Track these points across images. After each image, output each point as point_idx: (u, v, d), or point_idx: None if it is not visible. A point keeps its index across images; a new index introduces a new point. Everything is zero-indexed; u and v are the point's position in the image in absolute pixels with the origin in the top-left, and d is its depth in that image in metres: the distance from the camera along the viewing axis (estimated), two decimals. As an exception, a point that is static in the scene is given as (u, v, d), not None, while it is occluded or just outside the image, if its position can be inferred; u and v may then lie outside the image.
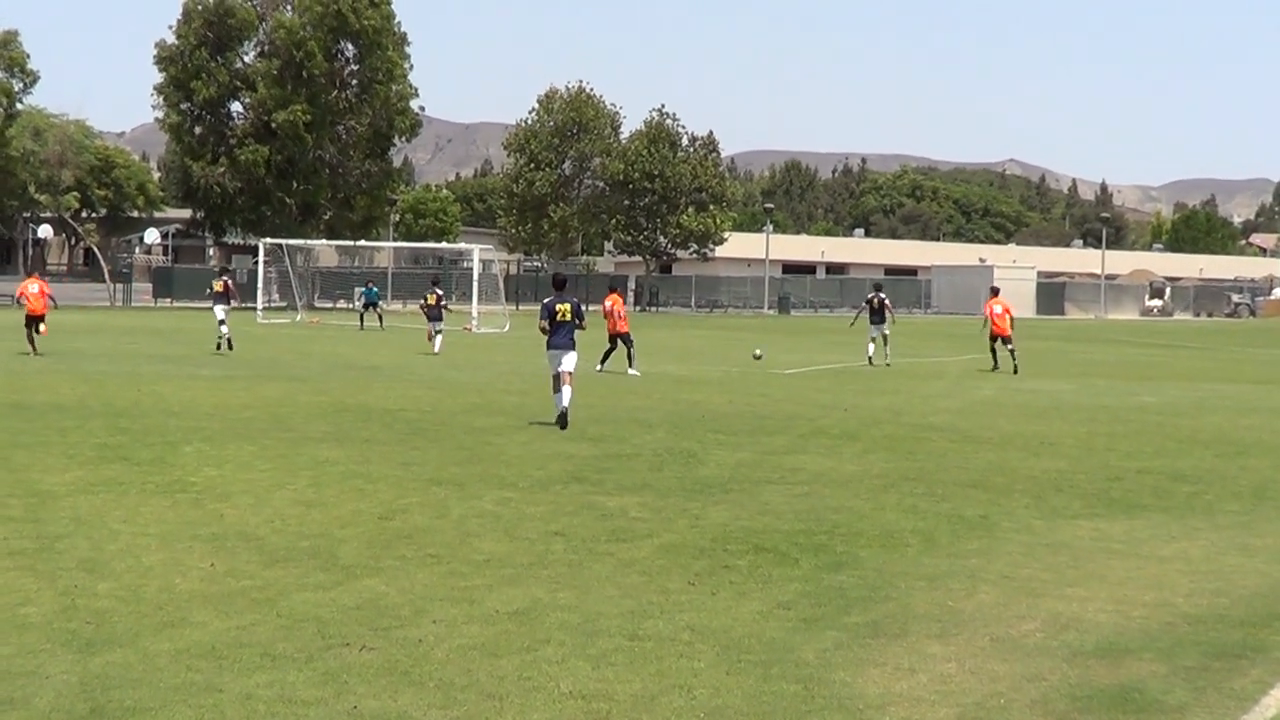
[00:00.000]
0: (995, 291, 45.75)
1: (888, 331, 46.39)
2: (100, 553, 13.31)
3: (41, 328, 42.62)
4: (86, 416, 24.65)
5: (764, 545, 14.30)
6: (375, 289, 72.74)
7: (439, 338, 48.36)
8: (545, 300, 26.58)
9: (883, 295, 47.32)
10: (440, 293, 52.00)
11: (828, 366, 45.07)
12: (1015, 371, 42.21)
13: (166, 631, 10.57)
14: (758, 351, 45.55)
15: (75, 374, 34.16)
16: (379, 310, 69.25)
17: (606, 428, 24.85)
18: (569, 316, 25.96)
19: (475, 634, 10.67)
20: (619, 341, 40.59)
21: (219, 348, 46.39)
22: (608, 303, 41.51)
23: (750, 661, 10.11)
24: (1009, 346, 43.62)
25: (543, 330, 25.95)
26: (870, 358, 45.72)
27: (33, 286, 44.25)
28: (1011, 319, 44.48)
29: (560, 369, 25.47)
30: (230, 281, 52.24)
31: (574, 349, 25.97)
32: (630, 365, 39.57)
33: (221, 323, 47.99)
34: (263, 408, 26.98)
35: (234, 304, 52.87)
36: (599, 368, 39.15)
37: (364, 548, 13.80)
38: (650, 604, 11.76)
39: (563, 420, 24.75)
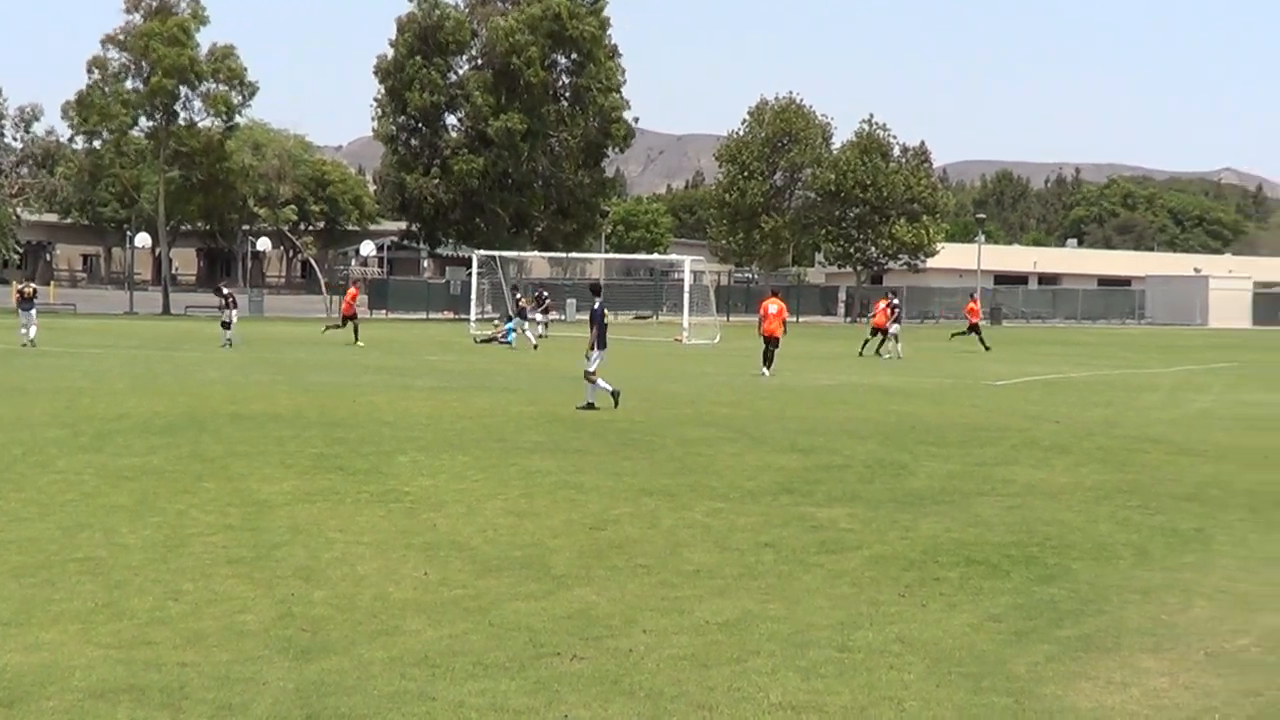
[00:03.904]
0: (774, 292, 48.31)
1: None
2: (316, 561, 13.54)
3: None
4: (303, 427, 25.06)
5: (975, 557, 14.21)
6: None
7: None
8: (597, 307, 30.05)
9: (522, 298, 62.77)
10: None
11: (1040, 378, 44.58)
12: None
13: (381, 639, 10.74)
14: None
15: (293, 384, 34.75)
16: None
17: (817, 439, 24.80)
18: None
19: (685, 644, 10.72)
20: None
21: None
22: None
23: (961, 674, 10.06)
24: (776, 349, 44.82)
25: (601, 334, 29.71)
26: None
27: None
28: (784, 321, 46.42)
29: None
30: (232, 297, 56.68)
31: None
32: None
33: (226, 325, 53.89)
34: (475, 418, 27.25)
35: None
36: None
37: (575, 558, 13.90)
38: (860, 615, 11.74)
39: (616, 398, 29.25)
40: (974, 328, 64.12)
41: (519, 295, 67.66)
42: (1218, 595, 12.76)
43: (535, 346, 59.03)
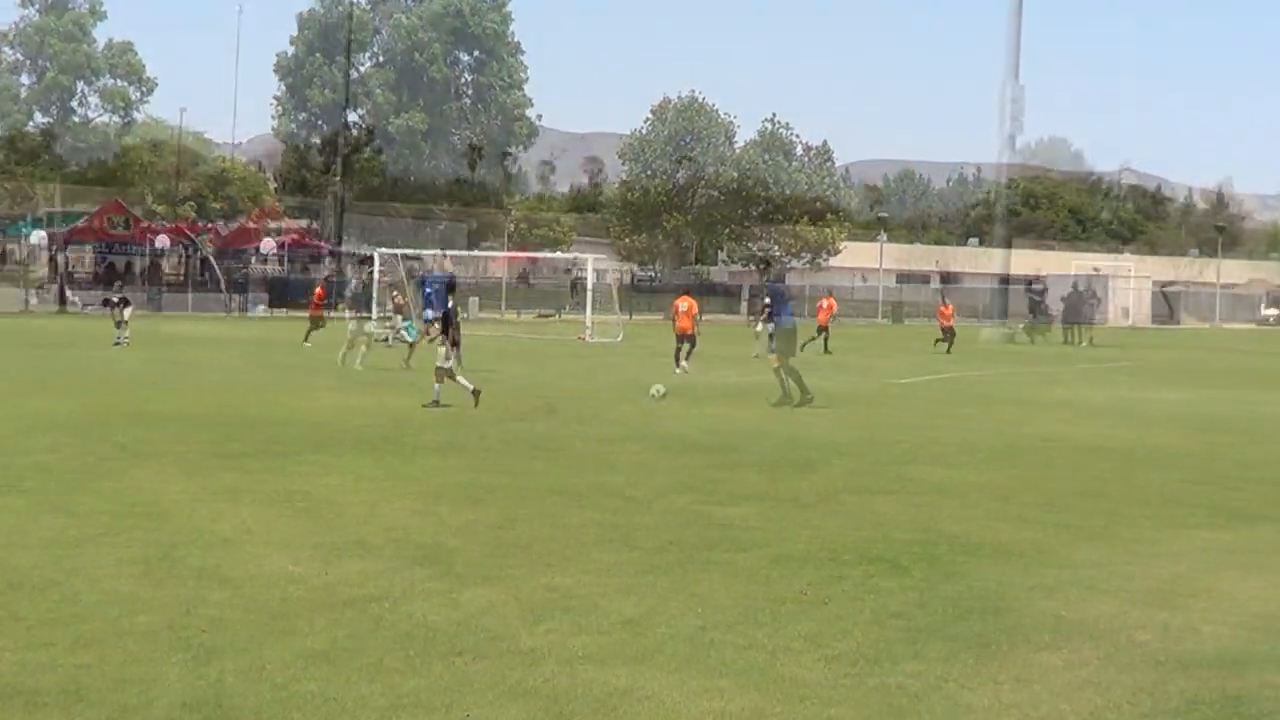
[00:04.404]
0: (686, 291, 50.31)
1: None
2: (215, 561, 13.39)
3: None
4: (203, 426, 24.77)
5: (877, 555, 14.23)
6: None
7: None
8: (450, 306, 30.86)
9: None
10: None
11: (942, 376, 44.82)
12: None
13: (280, 640, 10.63)
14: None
15: (192, 383, 34.45)
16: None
17: (720, 438, 24.82)
18: None
19: (588, 644, 10.67)
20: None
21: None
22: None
23: (861, 672, 10.06)
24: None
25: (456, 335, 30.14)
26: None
27: None
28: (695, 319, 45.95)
29: None
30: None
31: None
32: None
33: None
34: (378, 417, 27.11)
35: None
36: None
37: (478, 557, 13.82)
38: (762, 614, 11.73)
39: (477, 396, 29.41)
40: (948, 330, 65.69)
41: (395, 292, 67.24)
42: (1118, 592, 12.83)
43: (388, 341, 57.94)
